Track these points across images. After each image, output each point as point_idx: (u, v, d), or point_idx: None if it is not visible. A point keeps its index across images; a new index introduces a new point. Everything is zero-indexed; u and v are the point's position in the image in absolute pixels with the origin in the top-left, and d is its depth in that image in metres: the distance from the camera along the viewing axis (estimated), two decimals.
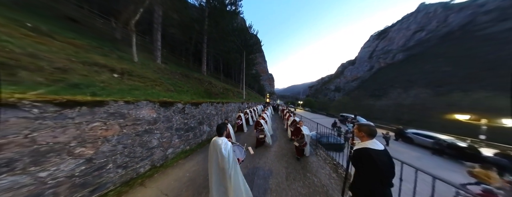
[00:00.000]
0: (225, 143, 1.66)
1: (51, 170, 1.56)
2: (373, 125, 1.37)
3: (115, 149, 2.17)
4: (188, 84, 6.32)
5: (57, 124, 1.60)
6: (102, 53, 3.93)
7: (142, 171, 2.59)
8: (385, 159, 1.21)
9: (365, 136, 1.33)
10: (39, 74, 2.12)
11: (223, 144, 1.63)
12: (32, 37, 2.68)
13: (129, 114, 2.36)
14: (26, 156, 1.41)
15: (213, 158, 1.68)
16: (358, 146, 1.35)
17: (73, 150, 1.73)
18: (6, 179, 1.30)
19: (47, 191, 1.53)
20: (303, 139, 3.48)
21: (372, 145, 1.27)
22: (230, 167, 1.62)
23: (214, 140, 1.71)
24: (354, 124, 1.87)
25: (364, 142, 1.32)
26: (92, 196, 1.90)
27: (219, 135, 1.72)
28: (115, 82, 3.13)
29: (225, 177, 1.63)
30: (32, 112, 1.44)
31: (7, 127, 1.31)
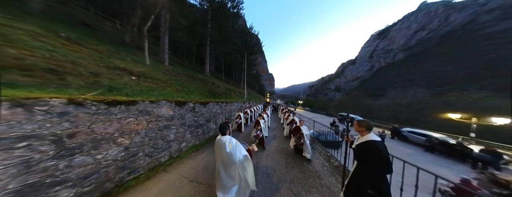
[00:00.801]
0: (230, 141, 1.67)
1: (103, 154, 2.06)
2: (369, 121, 1.55)
3: (144, 141, 2.66)
4: (193, 85, 6.81)
5: (106, 119, 2.09)
6: (119, 57, 4.42)
7: (163, 160, 3.09)
8: (385, 149, 1.33)
9: (365, 130, 1.45)
10: (80, 78, 2.62)
11: (227, 142, 1.64)
12: (68, 46, 3.17)
13: (153, 112, 2.85)
14: (89, 142, 1.90)
15: (219, 156, 1.70)
16: (361, 140, 1.45)
17: (116, 140, 2.22)
18: (78, 157, 1.80)
19: (101, 170, 2.03)
20: (301, 138, 3.52)
21: (373, 137, 1.39)
22: (233, 161, 1.61)
23: (218, 139, 1.72)
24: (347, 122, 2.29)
25: (366, 136, 1.43)
26: (129, 177, 2.40)
27: (222, 134, 1.74)
28: (134, 84, 3.62)
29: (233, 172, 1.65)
30: (91, 109, 1.93)
31: (78, 120, 1.80)
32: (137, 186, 2.31)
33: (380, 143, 1.37)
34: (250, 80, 26.74)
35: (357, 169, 1.49)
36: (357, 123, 1.54)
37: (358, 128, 1.53)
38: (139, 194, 2.14)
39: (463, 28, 40.01)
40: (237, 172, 1.67)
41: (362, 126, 1.49)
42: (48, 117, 1.55)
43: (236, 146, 1.66)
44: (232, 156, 1.60)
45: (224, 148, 1.62)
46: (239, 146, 1.71)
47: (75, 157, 1.76)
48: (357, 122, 1.54)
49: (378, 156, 1.31)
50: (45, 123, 1.53)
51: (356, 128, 1.55)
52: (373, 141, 1.38)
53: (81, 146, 1.82)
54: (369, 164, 1.36)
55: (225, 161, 1.65)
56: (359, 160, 1.48)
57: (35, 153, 1.47)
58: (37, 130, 1.48)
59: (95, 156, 1.96)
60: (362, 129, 1.49)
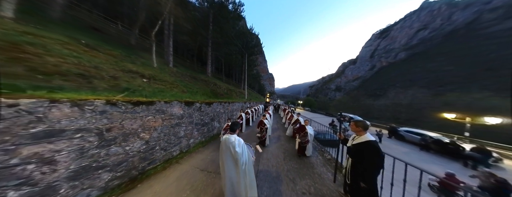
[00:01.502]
0: (239, 140, 1.71)
1: (130, 146, 2.50)
2: (365, 121, 1.84)
3: (160, 136, 3.11)
4: (196, 86, 7.24)
5: (132, 116, 2.53)
6: (130, 61, 4.85)
7: (175, 154, 3.54)
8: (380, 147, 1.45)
9: (361, 130, 1.53)
10: (103, 81, 3.06)
11: (236, 141, 1.69)
12: (88, 52, 3.61)
13: (167, 111, 3.29)
14: (120, 135, 2.34)
15: (226, 154, 1.72)
16: (359, 140, 1.52)
17: (139, 134, 2.66)
18: (113, 148, 2.24)
19: (129, 159, 2.47)
20: (306, 136, 3.63)
21: (370, 137, 1.49)
22: (243, 162, 1.66)
23: (226, 137, 1.76)
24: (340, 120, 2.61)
25: (363, 136, 1.51)
26: (148, 167, 2.85)
27: (232, 132, 1.79)
28: (146, 85, 4.05)
29: (239, 172, 1.68)
30: (121, 108, 2.37)
31: (113, 117, 2.24)
32: (156, 174, 2.76)
33: (377, 142, 1.48)
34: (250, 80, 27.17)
35: (353, 166, 1.57)
36: (355, 123, 1.62)
37: (355, 128, 1.60)
38: (159, 180, 2.58)
39: (466, 27, 40.06)
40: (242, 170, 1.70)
41: (359, 126, 1.57)
42: (94, 114, 1.99)
43: (243, 146, 1.73)
44: (241, 155, 1.66)
45: (233, 147, 1.66)
46: (245, 147, 1.77)
47: (111, 147, 2.21)
48: (355, 123, 1.62)
49: (376, 155, 1.41)
50: (91, 119, 1.97)
51: (353, 128, 1.62)
52: (372, 141, 1.47)
53: (115, 139, 2.26)
54: (366, 161, 1.45)
55: (234, 159, 1.68)
56: (355, 158, 1.56)
57: (86, 143, 1.91)
58: (87, 124, 1.92)
59: (124, 147, 2.40)
60: (359, 129, 1.57)
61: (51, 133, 1.61)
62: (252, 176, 1.82)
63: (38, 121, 1.53)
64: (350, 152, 1.69)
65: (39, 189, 1.53)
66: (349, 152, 1.70)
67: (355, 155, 1.58)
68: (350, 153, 1.69)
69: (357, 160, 1.57)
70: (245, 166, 1.72)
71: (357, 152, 1.56)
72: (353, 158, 1.60)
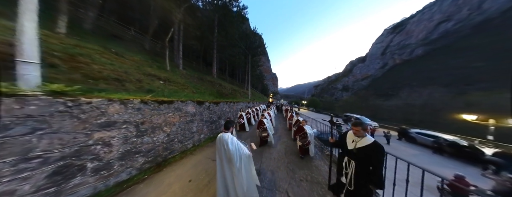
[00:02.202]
0: (231, 138, 1.75)
1: (157, 137, 3.10)
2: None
3: (177, 130, 3.71)
4: (204, 86, 7.89)
5: (158, 113, 3.13)
6: (148, 65, 5.55)
7: (189, 147, 4.13)
8: None
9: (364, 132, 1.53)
10: (131, 84, 3.71)
11: (229, 139, 1.72)
12: (118, 59, 4.30)
13: (183, 109, 3.89)
14: (150, 128, 2.94)
15: (220, 151, 1.77)
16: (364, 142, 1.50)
17: (163, 128, 3.26)
18: (145, 138, 2.84)
19: (156, 147, 3.08)
20: (306, 138, 3.60)
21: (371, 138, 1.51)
22: (237, 159, 1.67)
23: (220, 135, 1.81)
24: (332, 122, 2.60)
25: (366, 138, 1.51)
26: (169, 156, 3.45)
27: (226, 130, 1.84)
28: (163, 86, 4.70)
29: (233, 169, 1.69)
30: (150, 106, 2.98)
31: (145, 113, 2.84)
32: (176, 162, 3.35)
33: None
34: (253, 80, 27.75)
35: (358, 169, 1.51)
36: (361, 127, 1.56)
37: (362, 131, 1.56)
38: (179, 166, 3.17)
39: (501, 15, 32.85)
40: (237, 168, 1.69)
41: (364, 128, 1.57)
42: (133, 110, 2.60)
43: (237, 144, 1.75)
44: (235, 152, 1.68)
45: (226, 144, 1.70)
46: (240, 144, 1.80)
47: (144, 137, 2.81)
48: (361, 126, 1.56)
49: (383, 154, 1.43)
50: (131, 114, 2.58)
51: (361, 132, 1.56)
52: (376, 142, 1.48)
53: (146, 130, 2.87)
54: (376, 163, 1.43)
55: (227, 156, 1.72)
56: (363, 161, 1.50)
57: (128, 132, 2.52)
58: (129, 118, 2.53)
59: (152, 138, 3.00)
60: (363, 133, 1.55)
61: (109, 124, 2.23)
62: (250, 173, 1.80)
63: (102, 114, 2.14)
64: (353, 157, 1.58)
65: (103, 164, 2.15)
66: (352, 156, 1.59)
67: (362, 159, 1.51)
68: (354, 157, 1.58)
69: (362, 164, 1.51)
70: (241, 163, 1.70)
71: (365, 156, 1.50)
72: (359, 162, 1.52)
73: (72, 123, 1.83)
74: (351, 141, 1.66)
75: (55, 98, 1.69)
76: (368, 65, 66.14)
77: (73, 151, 1.84)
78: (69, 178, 1.80)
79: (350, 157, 1.63)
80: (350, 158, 1.62)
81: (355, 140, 1.61)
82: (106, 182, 2.20)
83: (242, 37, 14.73)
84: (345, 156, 1.69)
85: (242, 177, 1.71)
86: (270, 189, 2.47)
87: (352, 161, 1.59)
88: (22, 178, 1.47)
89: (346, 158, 1.67)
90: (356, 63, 79.74)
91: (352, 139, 1.65)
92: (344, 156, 1.72)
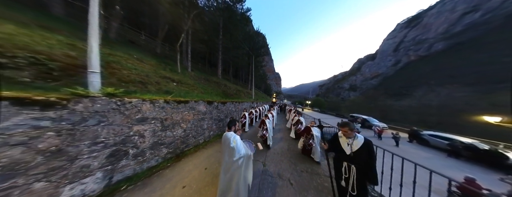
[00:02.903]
0: (234, 137, 1.86)
1: (176, 132, 3.68)
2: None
3: (192, 127, 4.27)
4: (210, 87, 8.49)
5: (177, 111, 3.70)
6: (162, 68, 6.20)
7: (201, 142, 4.70)
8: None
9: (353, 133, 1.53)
10: (152, 86, 4.32)
11: (232, 138, 1.83)
12: (139, 64, 4.95)
13: (196, 108, 4.45)
14: (171, 124, 3.52)
15: (224, 150, 1.88)
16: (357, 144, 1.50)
17: (180, 124, 3.84)
18: (167, 132, 3.42)
19: (175, 141, 3.65)
20: (310, 139, 3.62)
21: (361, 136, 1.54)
22: (237, 158, 1.77)
23: (225, 134, 1.93)
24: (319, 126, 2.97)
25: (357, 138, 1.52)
26: (185, 149, 4.02)
27: (228, 130, 1.96)
28: (177, 88, 5.30)
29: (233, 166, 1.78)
30: (171, 105, 3.55)
31: (167, 111, 3.42)
32: (191, 154, 3.91)
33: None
34: (256, 81, 28.25)
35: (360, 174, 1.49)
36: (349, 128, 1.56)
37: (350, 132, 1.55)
38: (195, 158, 3.72)
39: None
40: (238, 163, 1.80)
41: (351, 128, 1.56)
42: (159, 109, 3.18)
43: (239, 143, 1.85)
44: (235, 151, 1.78)
45: (229, 143, 1.81)
46: (242, 143, 1.90)
47: (167, 131, 3.39)
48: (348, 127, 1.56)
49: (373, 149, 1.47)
50: (158, 112, 3.16)
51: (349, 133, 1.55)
52: (368, 139, 1.52)
53: (168, 126, 3.44)
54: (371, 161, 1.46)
55: (229, 155, 1.82)
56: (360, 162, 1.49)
57: (155, 127, 3.10)
58: (156, 115, 3.11)
59: (173, 132, 3.58)
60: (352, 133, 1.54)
61: (143, 119, 2.81)
62: (247, 174, 1.91)
63: (138, 111, 2.72)
64: (352, 161, 1.55)
65: (139, 151, 2.73)
66: (351, 161, 1.56)
67: (360, 159, 1.50)
68: (353, 161, 1.55)
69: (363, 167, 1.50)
70: (241, 161, 1.80)
71: (361, 155, 1.50)
72: (359, 166, 1.50)
73: (120, 118, 2.41)
74: (346, 144, 1.59)
75: (110, 98, 2.28)
76: (379, 63, 62.87)
77: (121, 140, 2.42)
78: (118, 160, 2.39)
79: (349, 162, 1.57)
80: (349, 162, 1.56)
81: (349, 142, 1.57)
82: (141, 166, 2.79)
83: (246, 39, 15.30)
84: (343, 161, 1.62)
85: (240, 175, 1.80)
86: (274, 177, 2.94)
87: (352, 166, 1.54)
88: (93, 156, 2.06)
89: (344, 163, 1.60)
90: (365, 61, 76.88)
91: (346, 142, 1.59)
92: (341, 161, 1.65)
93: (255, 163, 3.25)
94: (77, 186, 1.90)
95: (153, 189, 2.39)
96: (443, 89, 29.52)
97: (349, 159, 1.58)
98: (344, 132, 1.62)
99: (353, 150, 1.55)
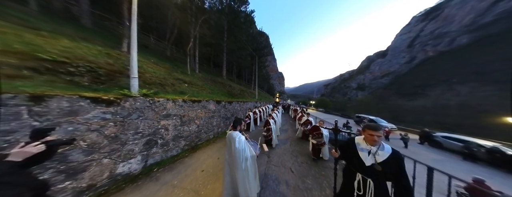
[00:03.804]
0: (239, 137, 1.86)
1: (191, 127, 4.31)
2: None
3: (203, 123, 4.90)
4: (216, 87, 9.15)
5: (192, 109, 4.33)
6: (175, 70, 6.90)
7: (211, 137, 5.32)
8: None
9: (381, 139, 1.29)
10: (169, 87, 4.98)
11: (237, 138, 1.83)
12: (156, 67, 5.66)
13: (207, 107, 5.08)
14: (187, 120, 4.15)
15: (229, 148, 1.89)
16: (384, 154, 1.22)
17: (194, 121, 4.47)
18: (185, 127, 4.06)
19: (191, 135, 4.29)
20: (321, 138, 3.64)
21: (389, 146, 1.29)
22: (243, 159, 1.78)
23: (229, 133, 1.92)
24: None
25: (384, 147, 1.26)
26: (199, 143, 4.64)
27: (234, 129, 1.95)
28: (189, 89, 5.96)
29: (239, 167, 1.77)
30: (188, 104, 4.18)
31: (184, 109, 4.05)
32: (203, 147, 4.53)
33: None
34: (259, 81, 28.79)
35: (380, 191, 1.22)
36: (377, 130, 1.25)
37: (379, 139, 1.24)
38: (207, 150, 4.33)
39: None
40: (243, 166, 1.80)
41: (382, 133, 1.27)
42: (178, 107, 3.81)
43: (244, 143, 1.85)
44: (240, 151, 1.79)
45: (234, 143, 1.81)
46: (247, 143, 1.91)
47: (184, 126, 4.02)
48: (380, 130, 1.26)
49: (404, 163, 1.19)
50: (178, 109, 3.79)
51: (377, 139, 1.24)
52: (396, 150, 1.24)
53: (186, 122, 4.08)
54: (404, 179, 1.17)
55: (233, 155, 1.82)
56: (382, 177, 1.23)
57: (176, 122, 3.73)
58: (176, 112, 3.74)
59: (189, 127, 4.21)
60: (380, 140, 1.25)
61: (167, 115, 3.44)
62: (252, 175, 1.89)
63: (164, 109, 3.36)
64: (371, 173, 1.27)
65: (164, 141, 3.37)
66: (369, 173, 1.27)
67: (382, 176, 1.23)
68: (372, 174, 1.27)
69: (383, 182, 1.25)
70: (246, 163, 1.81)
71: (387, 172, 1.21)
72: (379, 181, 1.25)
73: (152, 114, 3.05)
74: (366, 153, 1.30)
75: (145, 98, 2.92)
76: (390, 60, 59.42)
77: (152, 131, 3.06)
78: (151, 147, 3.03)
79: (366, 175, 1.27)
80: (366, 175, 1.27)
81: (372, 151, 1.27)
82: (166, 154, 3.42)
83: (249, 40, 15.92)
84: (357, 173, 1.31)
85: (249, 178, 1.81)
86: (277, 166, 3.47)
87: (368, 179, 1.25)
88: (135, 143, 2.70)
89: (359, 175, 1.30)
90: (375, 59, 73.72)
91: (368, 149, 1.29)
92: (354, 173, 1.33)
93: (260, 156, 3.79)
94: (126, 165, 2.54)
95: (178, 171, 3.01)
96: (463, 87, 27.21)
97: (367, 171, 1.27)
98: (371, 138, 1.27)
99: (377, 161, 1.25)
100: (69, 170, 1.85)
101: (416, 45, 52.01)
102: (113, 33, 7.59)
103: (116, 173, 2.38)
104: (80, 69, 2.70)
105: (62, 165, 1.79)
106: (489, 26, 35.86)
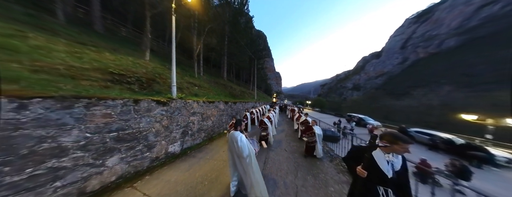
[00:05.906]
0: (241, 136, 2.12)
1: (208, 122, 5.51)
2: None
3: (216, 120, 6.10)
4: (219, 89, 10.32)
5: (208, 108, 5.53)
6: (185, 74, 8.03)
7: (222, 131, 6.53)
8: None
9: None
10: (185, 90, 6.13)
11: (239, 137, 2.10)
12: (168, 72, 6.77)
13: (218, 106, 6.28)
14: (206, 117, 5.35)
15: (231, 147, 2.11)
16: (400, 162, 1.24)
17: (211, 118, 5.67)
18: (205, 122, 5.25)
19: (208, 129, 5.50)
20: (313, 136, 3.91)
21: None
22: (247, 155, 2.04)
23: (231, 133, 2.18)
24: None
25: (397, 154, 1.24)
26: (214, 135, 5.85)
27: (235, 129, 2.23)
28: (199, 91, 7.12)
29: (243, 163, 2.05)
30: (206, 104, 5.38)
31: (204, 108, 5.24)
32: (216, 140, 5.72)
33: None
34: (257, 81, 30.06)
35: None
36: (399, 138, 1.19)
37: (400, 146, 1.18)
38: (220, 141, 5.53)
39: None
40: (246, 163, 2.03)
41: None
42: (200, 106, 5.01)
43: (245, 142, 2.09)
44: (242, 149, 2.02)
45: (236, 141, 2.05)
46: (247, 142, 2.13)
47: (204, 122, 5.22)
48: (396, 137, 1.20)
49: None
50: (200, 108, 4.99)
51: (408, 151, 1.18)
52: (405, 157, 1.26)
53: (205, 118, 5.27)
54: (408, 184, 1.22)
55: (237, 153, 2.04)
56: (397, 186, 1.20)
57: (199, 118, 4.93)
58: (199, 111, 4.94)
59: (207, 123, 5.42)
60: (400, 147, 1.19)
61: (194, 113, 4.64)
62: (256, 169, 2.09)
63: (192, 108, 4.55)
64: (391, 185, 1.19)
65: (192, 132, 4.57)
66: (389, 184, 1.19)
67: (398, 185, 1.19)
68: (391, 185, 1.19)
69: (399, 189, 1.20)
70: (250, 159, 2.06)
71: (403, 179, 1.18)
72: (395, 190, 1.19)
73: (185, 112, 4.23)
74: (385, 163, 1.24)
75: (181, 100, 4.10)
76: (384, 61, 62.41)
77: (185, 124, 4.25)
78: (185, 136, 4.22)
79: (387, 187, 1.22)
80: (388, 187, 1.22)
81: (390, 159, 1.24)
82: (193, 142, 4.62)
83: (248, 43, 17.16)
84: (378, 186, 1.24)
85: (253, 172, 2.04)
86: (275, 148, 4.78)
87: (388, 190, 1.21)
88: (176, 132, 3.88)
89: (381, 188, 1.23)
90: (370, 59, 76.15)
91: (386, 159, 1.25)
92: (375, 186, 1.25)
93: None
94: (172, 147, 3.73)
95: (206, 152, 4.23)
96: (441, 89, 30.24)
97: (390, 183, 1.22)
98: (404, 151, 1.22)
99: (396, 169, 1.23)
100: (149, 145, 3.03)
101: (409, 47, 55.08)
102: (122, 37, 8.54)
103: (168, 151, 3.57)
104: (132, 79, 3.84)
105: (145, 142, 2.97)
106: (475, 29, 38.84)
